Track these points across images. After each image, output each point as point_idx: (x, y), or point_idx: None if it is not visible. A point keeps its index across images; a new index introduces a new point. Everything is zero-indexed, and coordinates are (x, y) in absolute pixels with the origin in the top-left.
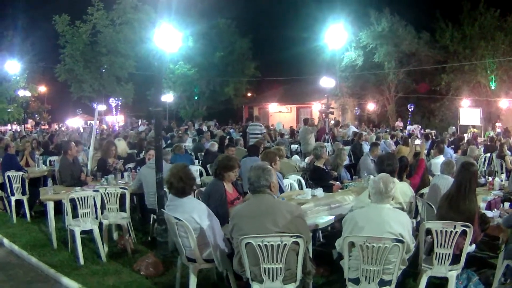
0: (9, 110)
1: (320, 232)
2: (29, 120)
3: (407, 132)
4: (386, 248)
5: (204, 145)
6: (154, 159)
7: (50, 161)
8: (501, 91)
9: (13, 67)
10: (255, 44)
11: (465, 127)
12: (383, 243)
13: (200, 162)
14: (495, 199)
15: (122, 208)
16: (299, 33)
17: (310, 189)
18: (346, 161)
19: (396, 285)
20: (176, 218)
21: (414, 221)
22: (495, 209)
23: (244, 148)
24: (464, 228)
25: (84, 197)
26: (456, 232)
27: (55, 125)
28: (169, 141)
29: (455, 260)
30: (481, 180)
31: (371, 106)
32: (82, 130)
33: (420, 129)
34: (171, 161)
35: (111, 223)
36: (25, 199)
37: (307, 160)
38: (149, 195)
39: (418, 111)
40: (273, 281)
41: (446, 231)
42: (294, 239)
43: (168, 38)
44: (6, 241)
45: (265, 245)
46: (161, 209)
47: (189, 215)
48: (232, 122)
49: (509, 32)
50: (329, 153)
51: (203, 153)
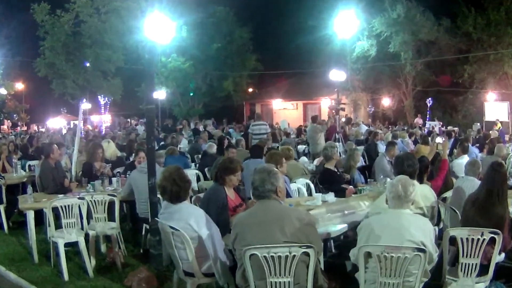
0: None
1: (332, 241)
2: (5, 121)
3: (426, 129)
4: (406, 258)
5: (201, 146)
6: (146, 162)
7: (29, 166)
8: None
9: None
10: (256, 34)
11: (491, 123)
12: (402, 253)
13: (197, 165)
14: None
15: (111, 217)
16: (305, 21)
17: (320, 194)
18: (359, 163)
19: None
20: (171, 228)
21: (437, 228)
22: None
23: (246, 150)
24: (493, 236)
25: (68, 206)
26: (484, 240)
27: (34, 126)
28: (162, 143)
29: (483, 271)
30: (510, 181)
31: (386, 101)
32: (65, 131)
33: (441, 126)
34: (165, 164)
35: (98, 234)
36: (1, 208)
37: (316, 162)
38: (140, 202)
39: (439, 106)
40: None
41: (473, 239)
42: (304, 250)
43: (160, 28)
44: None
45: (272, 256)
46: (155, 218)
47: (185, 223)
48: (232, 121)
49: None
50: (340, 154)
51: (200, 156)
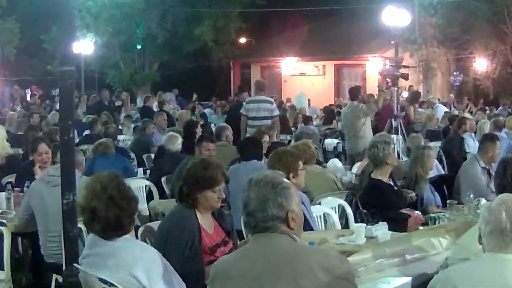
0: None
1: None
2: None
3: None
4: None
5: (153, 138)
6: (56, 166)
7: None
8: None
9: None
10: None
11: None
12: None
13: (147, 172)
14: None
15: None
16: None
17: (363, 224)
18: (433, 171)
19: None
20: (102, 281)
21: None
22: None
23: (234, 146)
24: None
25: None
26: None
27: None
28: (87, 132)
29: None
30: None
31: (481, 64)
32: None
33: None
34: (91, 169)
35: None
36: None
37: (356, 168)
38: (47, 236)
39: None
40: None
41: None
42: None
43: None
44: None
45: None
46: (72, 264)
47: (127, 273)
48: (210, 95)
49: None
50: (399, 155)
51: (152, 155)
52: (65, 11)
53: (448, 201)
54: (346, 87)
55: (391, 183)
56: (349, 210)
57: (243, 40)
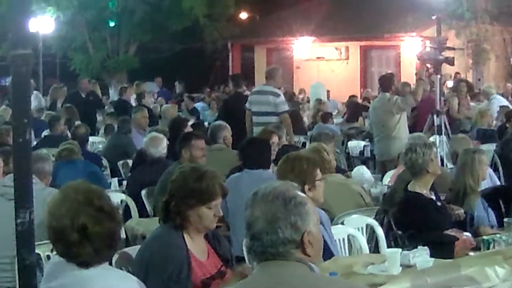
0: None
1: None
2: None
3: None
4: None
5: (131, 140)
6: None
7: None
8: None
9: None
10: None
11: None
12: None
13: (123, 183)
14: None
15: None
16: None
17: (398, 250)
18: (486, 181)
19: None
20: None
21: None
22: None
23: (234, 150)
24: None
25: None
26: None
27: None
28: (46, 132)
29: None
30: None
31: None
32: None
33: None
34: (53, 179)
35: None
36: None
37: (388, 178)
38: None
39: None
40: None
41: None
42: None
43: None
44: None
45: None
46: None
47: None
48: (201, 84)
49: None
50: (443, 160)
51: (130, 162)
52: None
53: (505, 219)
54: (375, 75)
55: (433, 197)
56: (380, 232)
57: (244, 16)
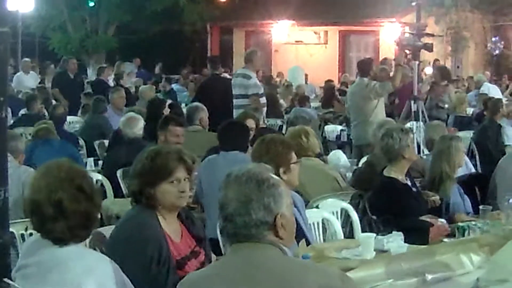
0: None
1: None
2: None
3: None
4: None
5: (108, 120)
6: None
7: None
8: None
9: None
10: None
11: None
12: None
13: (100, 163)
14: None
15: None
16: None
17: (372, 234)
18: (462, 168)
19: None
20: None
21: None
22: None
23: (212, 132)
24: None
25: None
26: None
27: None
28: (23, 111)
29: None
30: None
31: None
32: None
33: None
34: (27, 158)
35: None
36: None
37: (364, 161)
38: None
39: None
40: None
41: None
42: None
43: None
44: None
45: None
46: (2, 279)
47: None
48: (179, 65)
49: None
50: (419, 146)
51: (106, 142)
52: None
53: (481, 206)
54: (354, 60)
55: (409, 182)
56: (354, 216)
57: None
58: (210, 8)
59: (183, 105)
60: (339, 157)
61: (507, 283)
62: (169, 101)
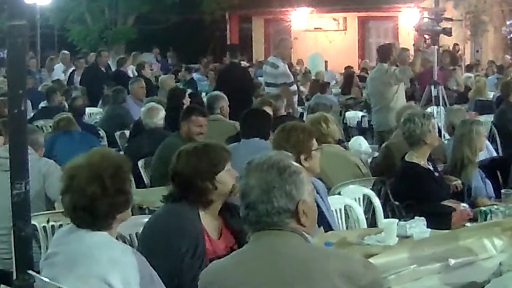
0: None
1: None
2: None
3: None
4: None
5: (128, 111)
6: (7, 146)
7: None
8: None
9: None
10: None
11: None
12: None
13: (122, 153)
14: None
15: None
16: None
17: (395, 220)
18: (483, 152)
19: None
20: None
21: None
22: None
23: (233, 121)
24: None
25: None
26: None
27: None
28: (43, 104)
29: None
30: None
31: None
32: None
33: None
34: (48, 150)
35: None
36: None
37: (379, 152)
38: None
39: None
40: None
41: None
42: None
43: None
44: None
45: None
46: (25, 272)
47: (100, 280)
48: (198, 55)
49: None
50: (440, 131)
51: (127, 132)
52: None
53: (503, 190)
54: (373, 46)
55: (431, 167)
56: (376, 202)
57: None
58: None
59: (203, 94)
60: (360, 143)
61: None
62: (189, 91)
